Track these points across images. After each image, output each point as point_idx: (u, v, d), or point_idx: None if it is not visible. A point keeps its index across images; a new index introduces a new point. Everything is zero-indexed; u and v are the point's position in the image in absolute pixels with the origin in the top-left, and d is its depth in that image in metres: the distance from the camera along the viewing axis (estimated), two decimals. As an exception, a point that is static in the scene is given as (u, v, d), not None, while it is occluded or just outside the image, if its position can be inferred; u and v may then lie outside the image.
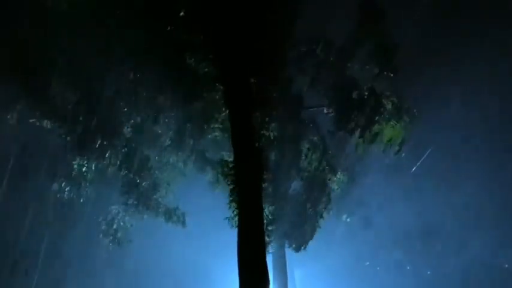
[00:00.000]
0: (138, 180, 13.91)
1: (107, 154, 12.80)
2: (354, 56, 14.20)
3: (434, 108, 21.16)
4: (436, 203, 28.74)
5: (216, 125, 12.97)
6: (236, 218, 10.39)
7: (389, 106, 13.72)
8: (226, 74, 10.54)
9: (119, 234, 14.88)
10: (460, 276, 28.12)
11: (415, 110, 14.39)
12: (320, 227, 15.08)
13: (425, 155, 16.02)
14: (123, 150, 13.14)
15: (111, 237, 14.87)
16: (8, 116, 12.47)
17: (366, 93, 13.66)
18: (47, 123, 12.31)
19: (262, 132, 11.88)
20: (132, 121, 12.75)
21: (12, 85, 11.37)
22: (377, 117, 13.62)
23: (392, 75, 13.49)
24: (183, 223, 14.93)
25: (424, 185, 27.90)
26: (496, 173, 27.34)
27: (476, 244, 28.32)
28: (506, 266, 28.86)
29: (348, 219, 18.77)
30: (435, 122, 21.84)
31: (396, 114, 13.78)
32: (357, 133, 13.83)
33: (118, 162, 13.23)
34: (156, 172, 14.29)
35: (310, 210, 14.89)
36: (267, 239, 14.41)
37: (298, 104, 14.61)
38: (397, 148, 14.14)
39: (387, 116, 13.76)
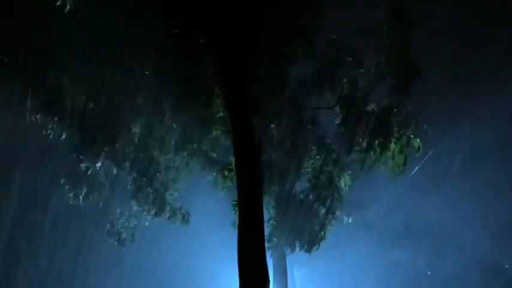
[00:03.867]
0: (148, 182, 14.05)
1: (117, 157, 12.83)
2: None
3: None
4: (437, 203, 28.75)
5: (218, 126, 13.03)
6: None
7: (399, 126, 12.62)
8: (226, 75, 10.60)
9: (123, 235, 14.98)
10: (460, 276, 28.14)
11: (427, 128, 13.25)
12: (331, 225, 14.88)
13: (425, 157, 15.81)
14: (132, 153, 13.19)
15: (116, 237, 14.95)
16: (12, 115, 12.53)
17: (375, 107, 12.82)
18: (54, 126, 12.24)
19: (263, 132, 11.91)
20: (139, 124, 12.80)
21: (19, 85, 11.31)
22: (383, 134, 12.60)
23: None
24: (187, 222, 14.99)
25: (425, 185, 27.93)
26: (498, 173, 27.36)
27: (476, 244, 28.33)
28: (507, 266, 28.86)
29: (350, 220, 18.66)
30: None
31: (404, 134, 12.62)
32: (364, 144, 12.96)
33: (128, 166, 13.32)
34: (164, 172, 14.37)
35: (321, 208, 14.71)
36: (273, 240, 14.51)
37: (300, 105, 14.50)
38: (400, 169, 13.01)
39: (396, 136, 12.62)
